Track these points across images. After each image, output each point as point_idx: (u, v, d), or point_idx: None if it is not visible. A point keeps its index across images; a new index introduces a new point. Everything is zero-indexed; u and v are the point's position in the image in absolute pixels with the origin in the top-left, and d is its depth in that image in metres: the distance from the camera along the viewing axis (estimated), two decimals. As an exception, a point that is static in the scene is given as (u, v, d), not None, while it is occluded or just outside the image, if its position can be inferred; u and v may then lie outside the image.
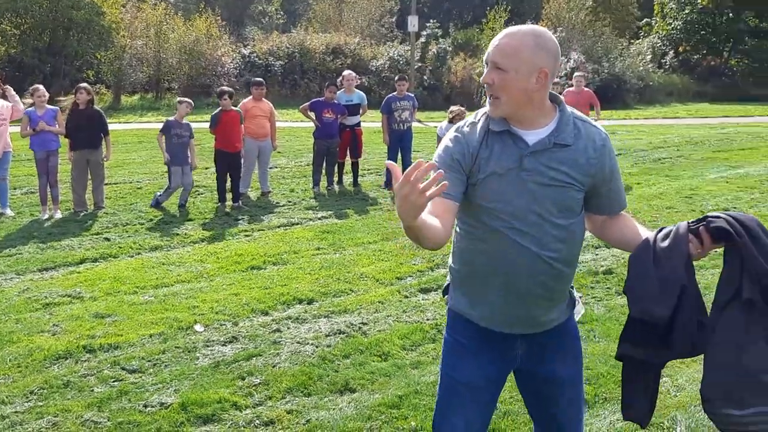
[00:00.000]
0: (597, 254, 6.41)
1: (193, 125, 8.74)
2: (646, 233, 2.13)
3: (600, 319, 4.86)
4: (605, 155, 2.13)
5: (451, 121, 8.18)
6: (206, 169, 10.68)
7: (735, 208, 8.38)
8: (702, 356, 2.00)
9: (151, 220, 7.82)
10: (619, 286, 5.60)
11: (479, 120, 2.13)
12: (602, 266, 6.05)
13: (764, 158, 12.66)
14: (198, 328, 4.74)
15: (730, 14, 33.79)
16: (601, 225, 2.25)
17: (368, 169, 11.24)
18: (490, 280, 2.15)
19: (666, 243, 2.04)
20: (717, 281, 2.03)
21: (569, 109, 2.14)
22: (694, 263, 2.05)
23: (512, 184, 2.06)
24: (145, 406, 3.68)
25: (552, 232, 2.08)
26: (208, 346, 4.44)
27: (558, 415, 2.33)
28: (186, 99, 8.69)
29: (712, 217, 2.02)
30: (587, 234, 2.28)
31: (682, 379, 3.96)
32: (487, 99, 2.11)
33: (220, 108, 8.55)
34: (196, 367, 4.13)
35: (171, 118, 8.41)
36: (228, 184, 8.64)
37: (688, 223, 2.06)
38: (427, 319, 4.87)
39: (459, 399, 2.26)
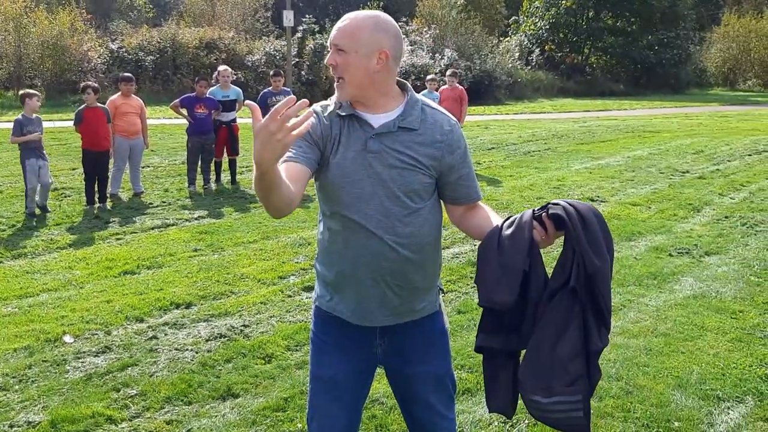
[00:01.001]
0: (474, 245, 6.61)
1: (60, 124, 8.21)
2: (498, 222, 2.15)
3: (480, 308, 4.99)
4: (453, 141, 2.14)
5: None
6: (73, 170, 10.09)
7: (598, 197, 8.91)
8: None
9: (14, 226, 7.28)
10: (495, 275, 5.79)
11: (330, 104, 2.16)
12: (479, 257, 6.24)
13: (623, 149, 13.55)
14: (67, 339, 4.46)
15: (590, 14, 35.88)
16: (460, 216, 2.25)
17: (247, 167, 11.00)
18: (342, 268, 2.15)
19: (510, 230, 2.05)
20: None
21: (418, 96, 2.18)
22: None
23: (358, 166, 2.08)
24: (11, 426, 3.41)
25: (398, 216, 2.09)
26: (78, 358, 4.18)
27: (427, 414, 2.32)
28: (34, 92, 8.02)
29: (552, 204, 2.04)
30: None
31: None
32: (335, 83, 2.12)
33: (84, 104, 8.08)
34: (66, 381, 3.88)
35: (20, 116, 7.81)
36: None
37: (533, 210, 2.06)
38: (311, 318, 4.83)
39: (323, 395, 2.26)
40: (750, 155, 12.90)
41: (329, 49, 2.09)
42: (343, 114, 2.11)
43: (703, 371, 4.03)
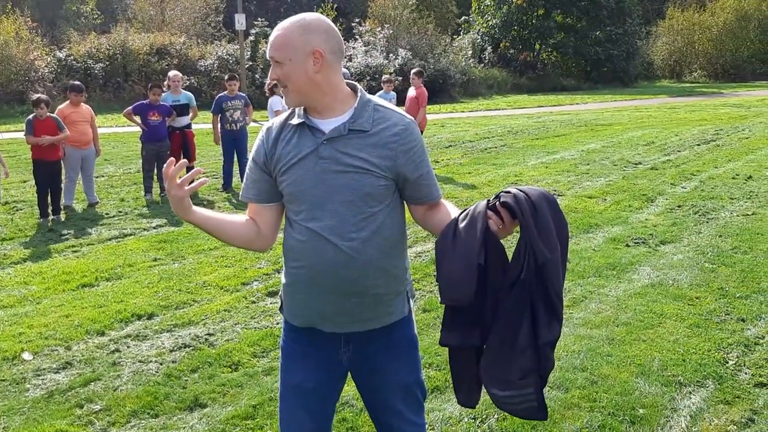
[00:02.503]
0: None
1: (8, 135, 7.99)
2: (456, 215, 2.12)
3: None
4: (407, 141, 2.09)
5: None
6: (24, 182, 9.84)
7: (555, 190, 9.05)
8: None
9: (-39, 242, 7.07)
10: (458, 273, 5.83)
11: (286, 115, 2.19)
12: (442, 255, 6.28)
13: (576, 143, 13.78)
14: (26, 356, 4.34)
15: (540, 12, 36.41)
16: (423, 215, 2.22)
17: (204, 173, 10.88)
18: (301, 275, 2.13)
19: (464, 223, 2.00)
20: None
21: (370, 96, 2.16)
22: None
23: (310, 173, 2.08)
24: (-32, 451, 3.31)
25: (353, 222, 2.06)
26: (38, 375, 4.08)
27: (396, 421, 2.29)
28: None
29: (504, 192, 1.99)
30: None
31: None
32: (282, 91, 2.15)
33: (34, 114, 7.89)
34: (27, 400, 3.78)
35: None
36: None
37: (488, 200, 2.01)
38: (277, 323, 4.80)
39: (291, 401, 2.24)
40: (699, 145, 13.24)
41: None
42: (295, 123, 2.12)
43: (664, 358, 4.12)
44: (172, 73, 10.05)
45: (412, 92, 10.94)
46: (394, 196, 2.14)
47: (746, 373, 3.94)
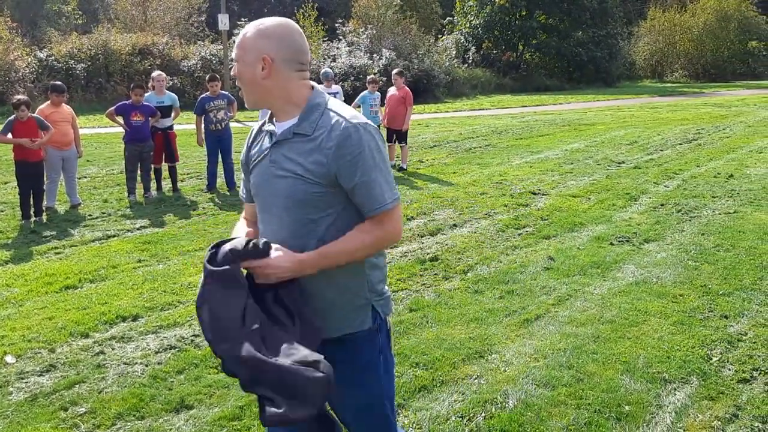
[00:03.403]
0: (423, 242, 6.65)
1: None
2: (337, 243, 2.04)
3: (431, 305, 5.04)
4: (345, 146, 1.98)
5: None
6: (5, 183, 9.74)
7: (540, 189, 9.09)
8: (529, 335, 2.11)
9: (-59, 244, 6.97)
10: (446, 272, 5.85)
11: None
12: (428, 254, 6.29)
13: (560, 143, 13.86)
14: (9, 359, 4.29)
15: (523, 12, 36.58)
16: None
17: (188, 174, 10.83)
18: None
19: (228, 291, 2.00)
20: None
21: (327, 100, 2.10)
22: None
23: (262, 176, 2.13)
24: (-49, 455, 3.27)
25: (291, 228, 2.05)
26: (22, 378, 4.03)
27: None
28: None
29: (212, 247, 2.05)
30: (415, 223, 2.33)
31: (510, 354, 4.21)
32: None
33: (15, 115, 7.80)
34: (11, 403, 3.74)
35: None
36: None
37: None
38: (262, 324, 4.78)
39: None
40: (681, 144, 13.36)
41: None
42: (260, 127, 2.20)
43: (649, 355, 4.16)
44: (155, 73, 9.99)
45: (393, 91, 10.96)
46: (345, 204, 2.05)
47: (730, 370, 3.98)
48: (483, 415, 3.50)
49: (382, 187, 2.02)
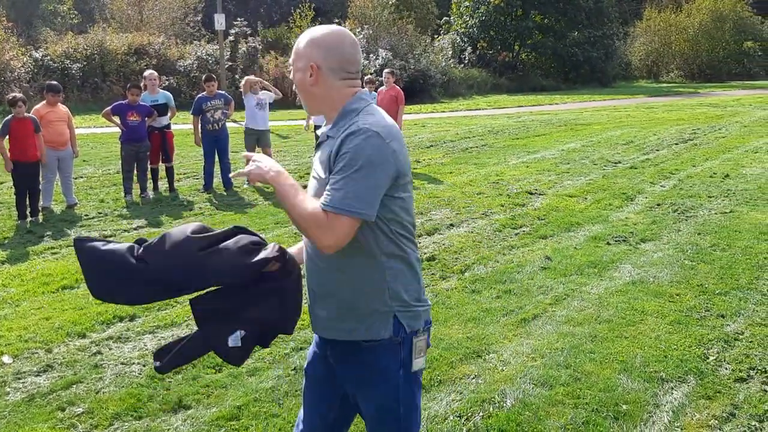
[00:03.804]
0: (420, 242, 6.66)
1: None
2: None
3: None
4: (344, 144, 1.98)
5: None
6: (1, 183, 9.71)
7: (536, 189, 9.10)
8: (526, 334, 2.11)
9: (-63, 244, 6.95)
10: (443, 271, 5.86)
11: None
12: (425, 253, 6.29)
13: (557, 143, 13.88)
14: (6, 359, 4.28)
15: (519, 12, 36.61)
16: None
17: (185, 174, 10.81)
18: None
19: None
20: None
21: (361, 105, 2.09)
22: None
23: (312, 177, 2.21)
24: (-52, 456, 3.26)
25: None
26: (19, 379, 4.02)
27: None
28: None
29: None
30: (417, 221, 2.32)
31: (507, 353, 4.22)
32: None
33: (12, 114, 7.78)
34: (8, 404, 3.73)
35: None
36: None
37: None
38: (260, 324, 4.78)
39: (305, 384, 2.35)
40: (677, 144, 13.40)
41: None
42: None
43: (646, 354, 4.17)
44: (147, 72, 9.96)
45: (383, 88, 10.97)
46: None
47: (726, 369, 3.99)
48: (481, 414, 3.51)
49: (345, 192, 1.93)
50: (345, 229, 1.93)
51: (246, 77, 10.23)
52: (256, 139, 9.93)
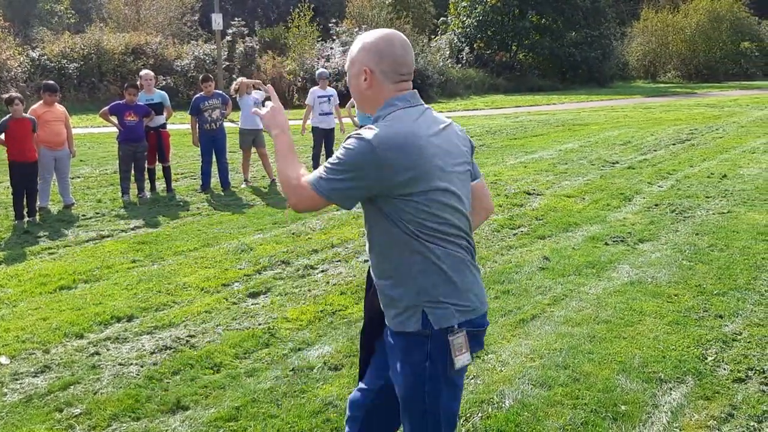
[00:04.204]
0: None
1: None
2: None
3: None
4: (344, 141, 2.15)
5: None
6: (-4, 183, 9.69)
7: (534, 190, 9.10)
8: (525, 335, 2.12)
9: (-67, 245, 6.93)
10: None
11: None
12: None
13: (554, 143, 13.88)
14: (3, 360, 4.27)
15: (516, 12, 36.63)
16: None
17: (182, 174, 10.80)
18: None
19: None
20: None
21: (391, 110, 2.19)
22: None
23: None
24: (-55, 457, 3.25)
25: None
26: (16, 380, 4.01)
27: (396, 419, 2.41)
28: None
29: None
30: None
31: (506, 354, 4.22)
32: None
33: (9, 115, 7.76)
34: (5, 405, 3.72)
35: None
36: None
37: None
38: (259, 324, 4.77)
39: (378, 349, 2.47)
40: (674, 144, 13.41)
41: None
42: None
43: (644, 355, 4.17)
44: (143, 72, 9.95)
45: None
46: (375, 202, 2.16)
47: (725, 369, 3.99)
48: (480, 415, 3.50)
49: (320, 175, 2.11)
50: (306, 200, 2.14)
51: (239, 79, 10.22)
52: (252, 139, 9.92)
